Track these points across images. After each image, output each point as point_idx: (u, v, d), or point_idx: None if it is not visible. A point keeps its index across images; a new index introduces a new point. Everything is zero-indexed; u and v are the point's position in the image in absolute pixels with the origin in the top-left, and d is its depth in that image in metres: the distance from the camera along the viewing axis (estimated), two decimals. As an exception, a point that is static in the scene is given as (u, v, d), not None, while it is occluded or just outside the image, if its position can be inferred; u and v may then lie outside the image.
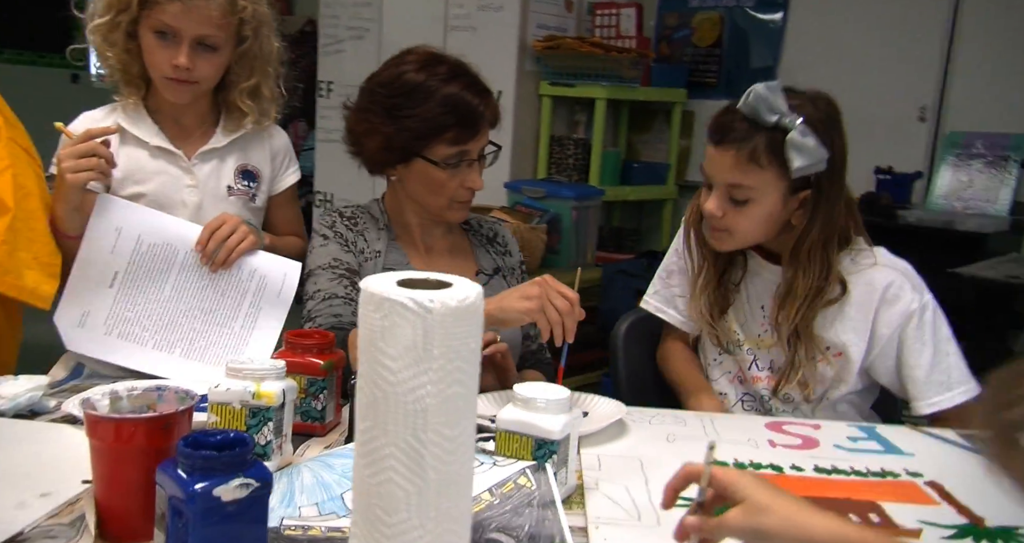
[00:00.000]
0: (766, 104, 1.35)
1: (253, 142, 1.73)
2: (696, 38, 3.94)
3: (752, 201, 1.39)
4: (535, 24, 3.74)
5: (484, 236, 1.72)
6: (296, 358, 1.25)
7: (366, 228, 1.63)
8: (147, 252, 1.52)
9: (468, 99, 1.47)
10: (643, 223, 4.21)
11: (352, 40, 4.35)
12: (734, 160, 1.37)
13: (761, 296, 1.55)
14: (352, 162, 1.58)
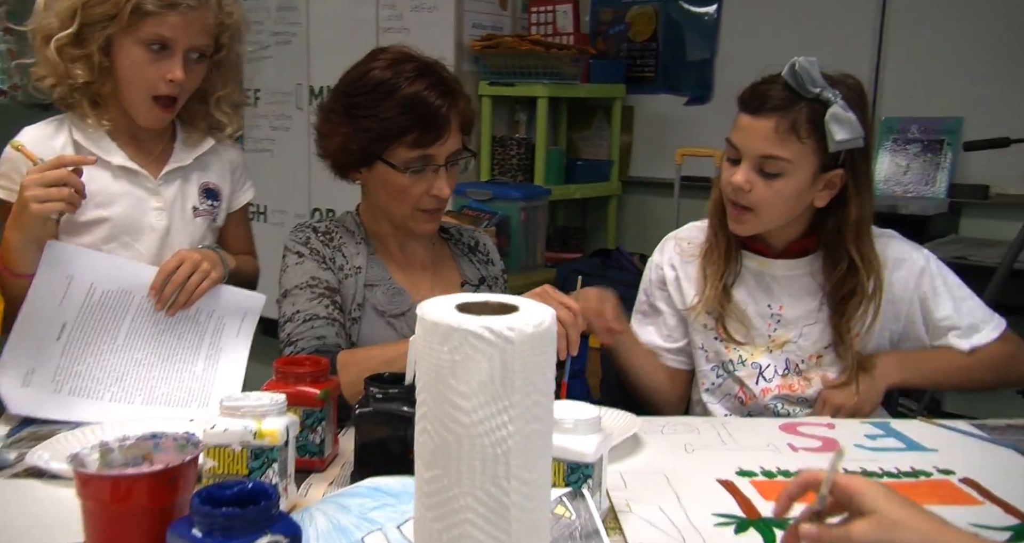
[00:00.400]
0: (808, 76, 1.33)
1: (211, 158, 1.63)
2: (632, 33, 3.92)
3: (784, 175, 1.36)
4: (470, 24, 3.66)
5: (466, 245, 1.65)
6: (289, 389, 1.15)
7: (343, 243, 1.53)
8: (99, 300, 1.39)
9: (430, 100, 1.38)
10: (588, 221, 4.17)
11: (278, 46, 4.20)
12: (772, 130, 1.34)
13: (768, 293, 1.51)
14: (286, 172, 1.52)
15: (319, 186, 4.17)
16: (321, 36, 4.07)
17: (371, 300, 1.49)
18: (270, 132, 4.33)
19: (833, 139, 1.32)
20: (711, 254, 1.53)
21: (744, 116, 1.40)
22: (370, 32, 3.86)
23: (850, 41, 3.39)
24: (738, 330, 1.52)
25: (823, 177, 1.38)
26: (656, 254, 1.66)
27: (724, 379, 1.55)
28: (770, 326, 1.51)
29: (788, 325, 1.50)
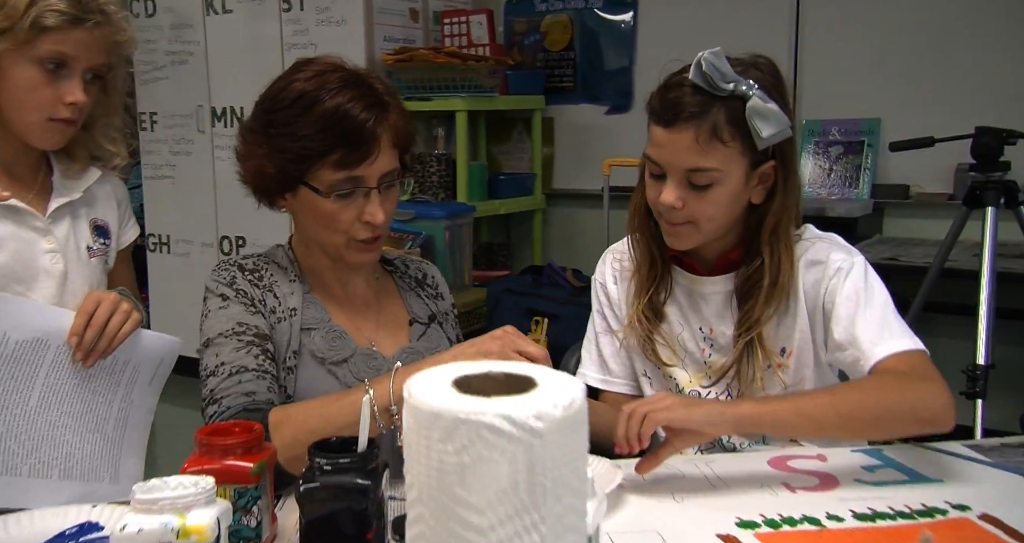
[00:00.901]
0: (718, 72, 1.21)
1: (98, 192, 1.46)
2: (548, 42, 3.82)
3: (716, 184, 1.25)
4: (381, 37, 3.49)
5: (412, 278, 1.49)
6: (216, 465, 0.97)
7: (275, 282, 1.35)
8: (12, 353, 1.20)
9: (354, 113, 1.21)
10: (512, 236, 4.04)
11: (174, 66, 3.93)
12: (693, 141, 1.22)
13: (698, 315, 1.39)
14: (190, 200, 1.37)
15: (227, 213, 3.91)
16: (221, 55, 3.83)
17: (308, 346, 1.31)
18: (170, 157, 4.05)
19: (760, 136, 1.22)
20: (638, 270, 1.42)
21: (658, 129, 1.27)
22: (274, 49, 3.65)
23: (767, 45, 3.33)
24: (670, 355, 1.40)
25: (756, 173, 1.28)
26: (598, 271, 1.54)
27: None
28: (704, 352, 1.38)
29: (721, 350, 1.37)
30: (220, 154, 3.88)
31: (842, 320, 1.25)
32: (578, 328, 2.87)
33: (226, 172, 3.92)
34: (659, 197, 1.28)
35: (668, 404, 1.12)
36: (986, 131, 2.25)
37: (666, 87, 1.27)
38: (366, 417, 0.91)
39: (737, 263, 1.34)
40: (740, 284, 1.32)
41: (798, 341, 1.32)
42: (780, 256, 1.28)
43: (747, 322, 1.30)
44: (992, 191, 2.25)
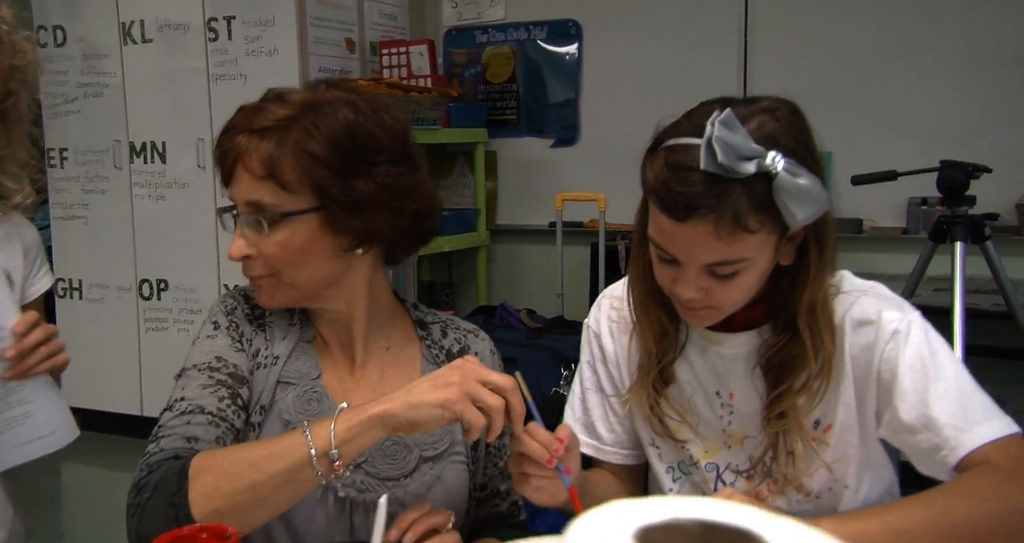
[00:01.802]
0: (734, 154, 0.98)
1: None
2: (489, 74, 3.70)
3: (743, 271, 1.05)
4: (316, 68, 3.32)
5: (445, 350, 1.20)
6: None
7: (272, 321, 1.14)
8: None
9: (221, 134, 1.07)
10: (455, 274, 3.89)
11: (87, 98, 3.66)
12: (713, 235, 1.01)
13: (715, 377, 1.19)
14: (105, 241, 1.19)
15: (147, 255, 3.64)
16: (139, 87, 3.58)
17: (280, 403, 1.10)
18: (83, 196, 3.76)
19: (794, 219, 1.00)
20: (643, 340, 1.19)
21: (666, 219, 1.03)
22: (199, 81, 3.43)
23: (715, 76, 3.33)
24: (679, 424, 1.19)
25: (788, 241, 1.07)
26: (591, 317, 1.32)
27: (682, 483, 1.25)
28: (723, 419, 1.19)
29: (743, 418, 1.17)
30: (139, 192, 3.62)
31: (909, 396, 1.05)
32: (537, 373, 2.73)
33: (146, 211, 3.67)
34: (673, 286, 1.08)
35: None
36: (952, 165, 2.22)
37: (672, 172, 1.01)
38: (381, 521, 0.73)
39: (761, 320, 1.14)
40: (768, 354, 1.13)
41: (841, 415, 1.12)
42: (821, 333, 1.08)
43: (780, 405, 1.10)
44: (960, 226, 2.21)
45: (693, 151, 0.99)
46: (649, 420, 1.20)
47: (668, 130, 1.05)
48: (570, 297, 3.20)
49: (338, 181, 1.02)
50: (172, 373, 1.15)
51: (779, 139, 1.00)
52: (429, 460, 1.10)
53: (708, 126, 0.98)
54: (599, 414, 1.25)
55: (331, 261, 1.07)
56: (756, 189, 0.99)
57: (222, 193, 1.08)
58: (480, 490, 1.18)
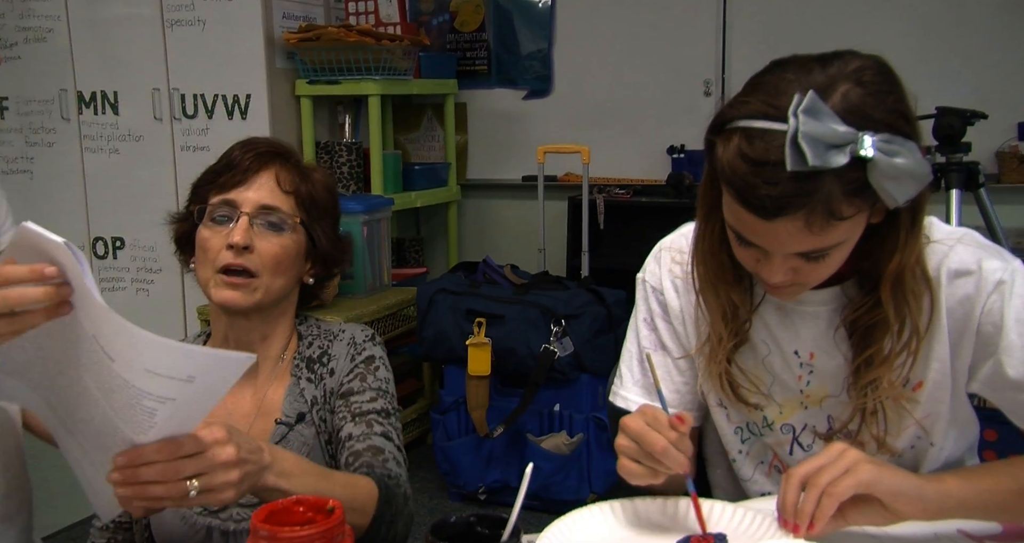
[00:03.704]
0: (820, 147, 0.90)
1: None
2: (458, 23, 3.58)
3: (835, 251, 0.99)
4: (280, 14, 3.16)
5: (306, 359, 1.23)
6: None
7: None
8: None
9: (235, 151, 1.21)
10: (424, 231, 3.80)
11: (30, 44, 3.42)
12: (803, 229, 0.94)
13: (793, 336, 1.13)
14: (54, 196, 1.11)
15: (100, 211, 3.46)
16: (87, 33, 3.36)
17: None
18: (26, 148, 3.54)
19: (894, 200, 0.93)
20: (712, 282, 1.12)
21: (749, 215, 0.96)
22: (153, 27, 3.23)
23: (694, 27, 3.28)
24: (751, 390, 1.14)
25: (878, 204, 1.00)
26: (648, 271, 1.24)
27: (752, 444, 1.22)
28: (801, 379, 1.14)
29: (823, 378, 1.13)
30: (90, 145, 3.43)
31: (1016, 351, 1.00)
32: (526, 330, 2.69)
33: (98, 165, 3.47)
34: (757, 267, 1.03)
35: (850, 465, 0.91)
36: (948, 111, 2.22)
37: (752, 167, 0.92)
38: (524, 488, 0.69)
39: (845, 274, 1.08)
40: (853, 316, 1.07)
41: (934, 372, 1.08)
42: (909, 301, 1.03)
43: (869, 373, 1.06)
44: (956, 173, 2.22)
45: (772, 140, 0.90)
46: (720, 383, 1.15)
47: (737, 106, 0.96)
48: (547, 252, 3.16)
49: (327, 219, 1.22)
50: None
51: (870, 112, 0.92)
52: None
53: (791, 117, 0.89)
54: (661, 374, 1.19)
55: (293, 281, 1.21)
56: (849, 176, 0.91)
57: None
58: (328, 443, 1.19)
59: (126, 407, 0.78)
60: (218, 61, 3.16)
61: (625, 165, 3.36)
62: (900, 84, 0.97)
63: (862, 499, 0.93)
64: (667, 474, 0.96)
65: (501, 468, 2.74)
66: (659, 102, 3.32)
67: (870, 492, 0.92)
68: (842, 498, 0.91)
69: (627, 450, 0.97)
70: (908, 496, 0.93)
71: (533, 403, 2.65)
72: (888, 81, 0.96)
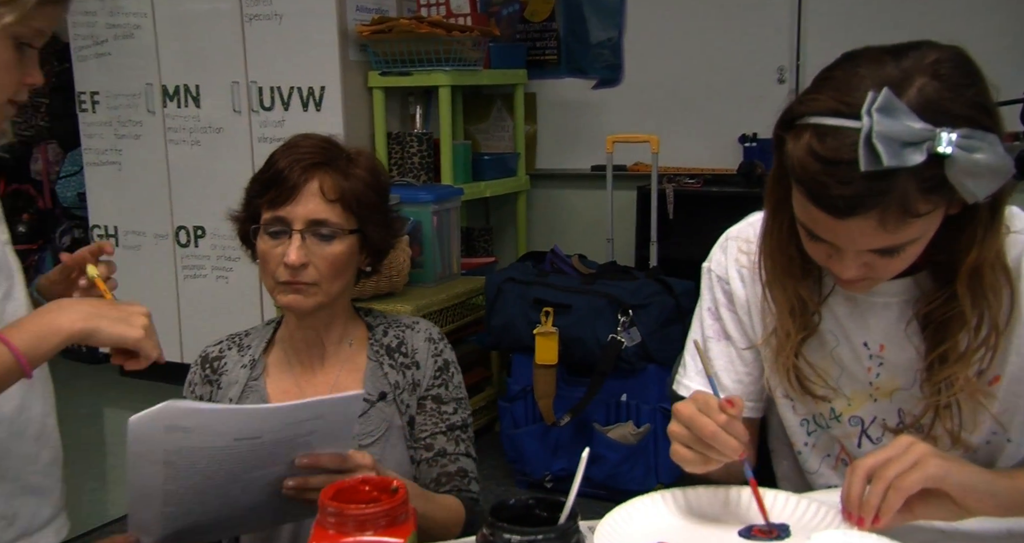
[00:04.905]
0: (898, 142, 0.87)
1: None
2: (528, 13, 3.59)
3: (910, 246, 0.97)
4: (354, 7, 3.22)
5: (384, 346, 1.32)
6: (355, 542, 0.75)
7: (224, 372, 1.32)
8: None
9: (280, 165, 1.25)
10: (492, 220, 3.83)
11: (117, 40, 3.57)
12: (877, 228, 0.92)
13: (863, 327, 1.12)
14: (140, 187, 1.20)
15: (183, 202, 3.59)
16: (171, 28, 3.48)
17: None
18: (115, 141, 3.70)
19: (974, 196, 0.91)
20: (780, 277, 1.11)
21: (820, 213, 0.94)
22: (233, 22, 3.33)
23: (768, 13, 3.22)
24: (818, 383, 1.13)
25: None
26: (714, 262, 1.24)
27: (819, 436, 1.20)
28: (870, 371, 1.13)
29: (894, 370, 1.11)
30: (174, 137, 3.56)
31: None
32: (593, 319, 2.70)
33: (181, 156, 3.60)
34: (828, 262, 1.01)
35: (918, 459, 0.90)
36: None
37: (824, 165, 0.90)
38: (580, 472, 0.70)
39: (920, 265, 1.05)
40: (927, 309, 1.05)
41: (1012, 365, 1.05)
42: (987, 297, 1.00)
43: (944, 370, 1.04)
44: (1045, 162, 2.14)
45: (845, 138, 0.88)
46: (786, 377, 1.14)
47: (807, 101, 0.93)
48: (616, 242, 3.16)
49: (376, 212, 1.27)
50: (210, 320, 1.29)
51: (947, 107, 0.89)
52: (368, 446, 1.23)
53: (864, 116, 0.87)
54: (723, 364, 1.20)
55: (352, 277, 1.28)
56: (926, 173, 0.88)
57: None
58: (427, 450, 1.27)
59: (289, 452, 0.98)
60: (294, 54, 3.24)
61: (695, 154, 3.33)
62: (980, 75, 0.94)
63: (931, 494, 0.91)
64: (721, 460, 0.96)
65: (567, 456, 2.76)
66: (731, 90, 3.27)
67: (939, 487, 0.90)
68: (909, 492, 0.90)
69: (678, 436, 0.98)
70: (979, 491, 0.91)
71: (600, 393, 2.66)
72: (967, 73, 0.93)
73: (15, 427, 1.09)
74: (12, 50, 1.03)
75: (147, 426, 0.91)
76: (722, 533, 0.97)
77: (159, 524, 0.99)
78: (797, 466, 1.24)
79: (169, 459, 0.94)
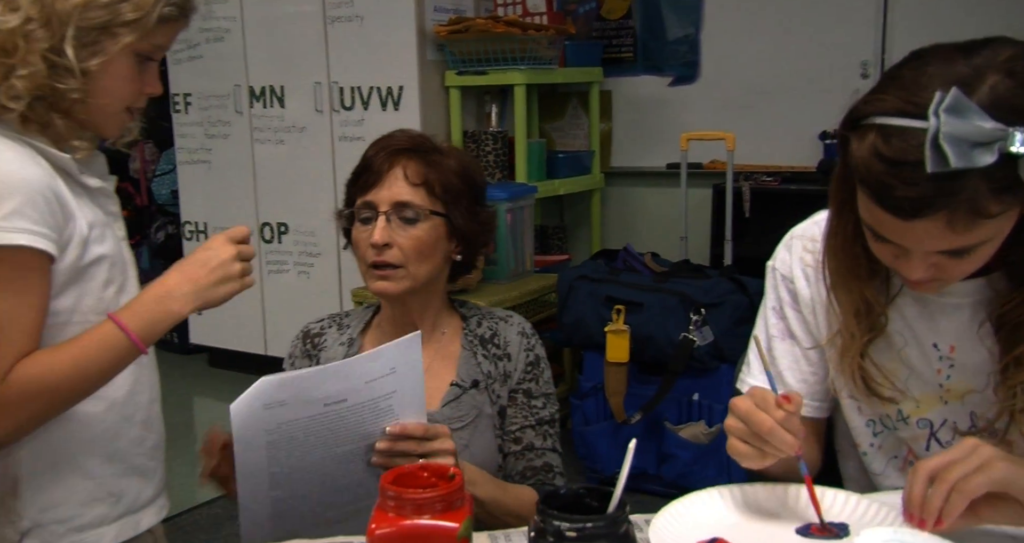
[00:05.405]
0: (967, 142, 0.85)
1: None
2: (604, 11, 3.59)
3: (981, 247, 0.95)
4: (432, 7, 3.28)
5: (478, 337, 1.36)
6: (413, 526, 0.78)
7: (324, 347, 1.37)
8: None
9: (370, 153, 1.33)
10: (566, 218, 3.85)
11: (209, 44, 3.71)
12: (946, 229, 0.90)
13: (933, 328, 1.10)
14: (228, 184, 1.29)
15: (268, 199, 3.72)
16: (258, 31, 3.61)
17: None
18: (205, 140, 3.85)
19: None
20: (845, 279, 1.10)
21: (886, 215, 0.92)
22: (315, 24, 3.43)
23: (852, 6, 3.14)
24: (885, 385, 1.11)
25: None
26: (779, 261, 1.23)
27: (885, 437, 1.18)
28: (940, 373, 1.11)
29: (966, 372, 1.09)
30: (259, 136, 3.69)
31: None
32: (665, 318, 2.69)
33: (265, 155, 3.73)
34: (895, 262, 1.00)
35: (983, 462, 0.88)
36: None
37: (889, 167, 0.89)
38: (628, 463, 0.72)
39: (993, 265, 1.02)
40: (1002, 310, 1.03)
41: None
42: None
43: (1021, 372, 1.01)
44: None
45: (911, 139, 0.87)
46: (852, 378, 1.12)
47: (872, 101, 0.92)
48: (690, 240, 3.13)
49: (464, 200, 1.29)
50: (293, 314, 1.37)
51: (1021, 105, 0.86)
52: (458, 430, 1.25)
53: (932, 117, 0.85)
54: (787, 363, 1.19)
55: (440, 262, 1.30)
56: (997, 174, 0.86)
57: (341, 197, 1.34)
58: (515, 443, 1.30)
59: (374, 419, 1.06)
60: (373, 55, 3.32)
61: (774, 151, 3.28)
62: None
63: (998, 498, 0.90)
64: (777, 455, 0.96)
65: (638, 454, 2.71)
66: (812, 85, 3.21)
67: (1004, 491, 0.89)
68: (972, 496, 0.88)
69: (735, 430, 0.98)
70: None
71: (671, 391, 2.65)
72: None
73: (125, 412, 1.16)
74: (133, 64, 1.12)
75: (247, 407, 0.98)
76: (779, 530, 0.97)
77: (268, 511, 1.05)
78: (863, 467, 1.23)
79: (271, 438, 1.01)
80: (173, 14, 1.13)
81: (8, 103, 1.04)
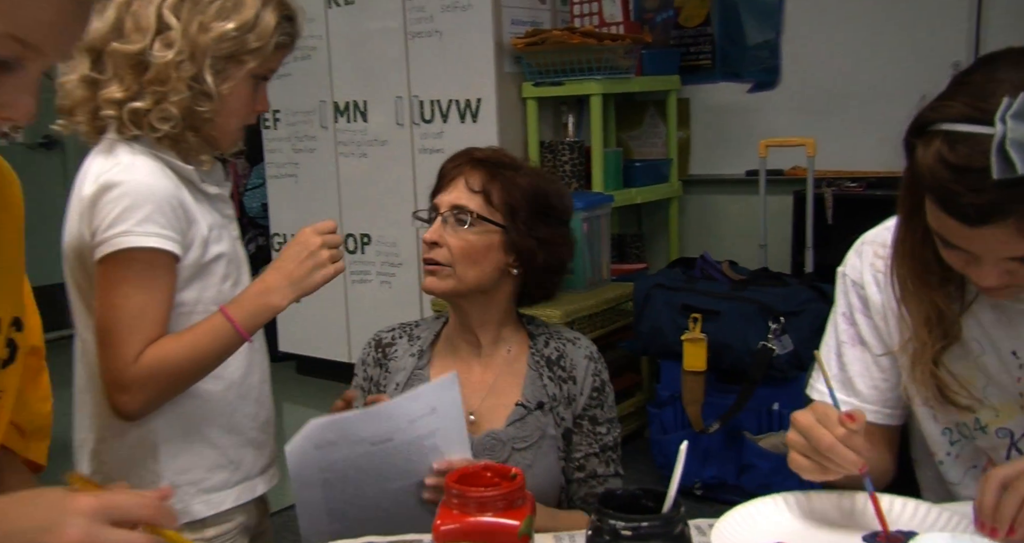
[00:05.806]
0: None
1: None
2: (682, 18, 3.58)
3: None
4: (509, 21, 3.33)
5: (545, 357, 1.36)
6: (476, 524, 0.81)
7: (394, 357, 1.40)
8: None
9: (445, 163, 1.40)
10: (644, 227, 3.84)
11: (297, 61, 3.85)
12: (1014, 235, 0.90)
13: (1011, 335, 1.07)
14: (313, 197, 1.37)
15: (351, 211, 3.83)
16: (342, 48, 3.73)
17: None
18: (292, 155, 4.00)
19: None
20: (915, 286, 1.08)
21: (953, 222, 0.92)
22: (397, 40, 3.53)
23: (944, 5, 3.05)
24: (961, 393, 1.09)
25: None
26: (849, 267, 1.22)
27: (963, 446, 1.16)
28: (1020, 381, 1.08)
29: None
30: (343, 150, 3.80)
31: None
32: (743, 326, 2.66)
33: (349, 169, 3.85)
34: (966, 268, 0.99)
35: None
36: None
37: (954, 174, 0.88)
38: (680, 466, 0.74)
39: None
40: None
41: None
42: None
43: None
44: None
45: (977, 145, 0.86)
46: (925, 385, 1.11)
47: (939, 107, 0.92)
48: (770, 248, 3.09)
49: (523, 215, 1.30)
50: (376, 323, 1.46)
51: None
52: (521, 450, 1.27)
53: (998, 123, 0.85)
54: (858, 369, 1.18)
55: (492, 271, 1.31)
56: None
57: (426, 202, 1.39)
58: (579, 471, 1.31)
59: (420, 457, 1.11)
60: (452, 68, 3.39)
61: (858, 156, 3.20)
62: None
63: None
64: (840, 472, 0.96)
65: (717, 464, 2.73)
66: (899, 87, 3.12)
67: None
68: None
69: (796, 444, 0.98)
70: None
71: (751, 401, 2.62)
72: None
73: (241, 390, 1.28)
74: (252, 86, 1.25)
75: (300, 448, 1.07)
76: (844, 538, 0.97)
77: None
78: (940, 476, 1.20)
79: (325, 477, 1.10)
80: (286, 41, 1.26)
81: (159, 125, 1.18)
